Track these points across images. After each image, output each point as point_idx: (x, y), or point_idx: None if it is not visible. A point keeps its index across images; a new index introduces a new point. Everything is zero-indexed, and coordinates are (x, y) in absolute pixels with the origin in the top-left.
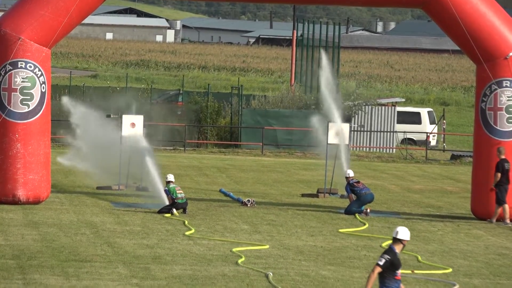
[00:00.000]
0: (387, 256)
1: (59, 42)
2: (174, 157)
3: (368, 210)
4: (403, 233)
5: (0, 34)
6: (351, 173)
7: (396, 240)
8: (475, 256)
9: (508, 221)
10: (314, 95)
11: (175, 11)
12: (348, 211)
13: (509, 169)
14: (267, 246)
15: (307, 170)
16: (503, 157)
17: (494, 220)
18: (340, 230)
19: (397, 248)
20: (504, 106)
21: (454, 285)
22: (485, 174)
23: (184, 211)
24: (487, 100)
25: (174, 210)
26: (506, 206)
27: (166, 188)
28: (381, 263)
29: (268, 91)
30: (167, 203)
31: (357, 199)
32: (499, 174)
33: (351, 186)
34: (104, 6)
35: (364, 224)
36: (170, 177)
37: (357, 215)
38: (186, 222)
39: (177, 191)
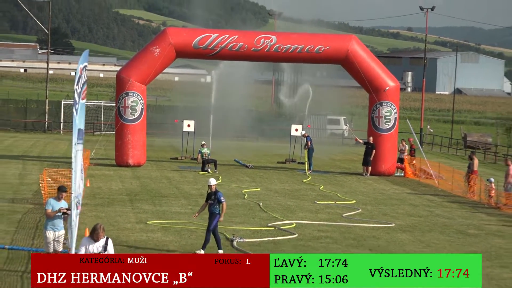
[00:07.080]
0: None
1: (151, 81)
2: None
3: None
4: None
5: (120, 78)
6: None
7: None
8: (368, 194)
9: (368, 174)
10: (285, 110)
11: (210, 66)
12: (310, 163)
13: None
14: (259, 189)
15: (280, 150)
16: (370, 141)
17: (365, 174)
18: (305, 181)
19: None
20: (383, 116)
21: (391, 224)
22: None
23: (215, 167)
24: (374, 112)
25: (209, 170)
26: (370, 167)
27: (200, 150)
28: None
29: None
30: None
31: (309, 151)
32: (365, 146)
33: (311, 139)
34: (174, 63)
35: (309, 177)
36: (203, 142)
37: (307, 171)
38: (220, 178)
39: (204, 154)
